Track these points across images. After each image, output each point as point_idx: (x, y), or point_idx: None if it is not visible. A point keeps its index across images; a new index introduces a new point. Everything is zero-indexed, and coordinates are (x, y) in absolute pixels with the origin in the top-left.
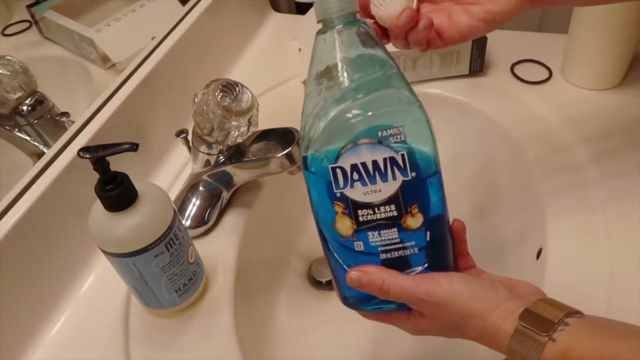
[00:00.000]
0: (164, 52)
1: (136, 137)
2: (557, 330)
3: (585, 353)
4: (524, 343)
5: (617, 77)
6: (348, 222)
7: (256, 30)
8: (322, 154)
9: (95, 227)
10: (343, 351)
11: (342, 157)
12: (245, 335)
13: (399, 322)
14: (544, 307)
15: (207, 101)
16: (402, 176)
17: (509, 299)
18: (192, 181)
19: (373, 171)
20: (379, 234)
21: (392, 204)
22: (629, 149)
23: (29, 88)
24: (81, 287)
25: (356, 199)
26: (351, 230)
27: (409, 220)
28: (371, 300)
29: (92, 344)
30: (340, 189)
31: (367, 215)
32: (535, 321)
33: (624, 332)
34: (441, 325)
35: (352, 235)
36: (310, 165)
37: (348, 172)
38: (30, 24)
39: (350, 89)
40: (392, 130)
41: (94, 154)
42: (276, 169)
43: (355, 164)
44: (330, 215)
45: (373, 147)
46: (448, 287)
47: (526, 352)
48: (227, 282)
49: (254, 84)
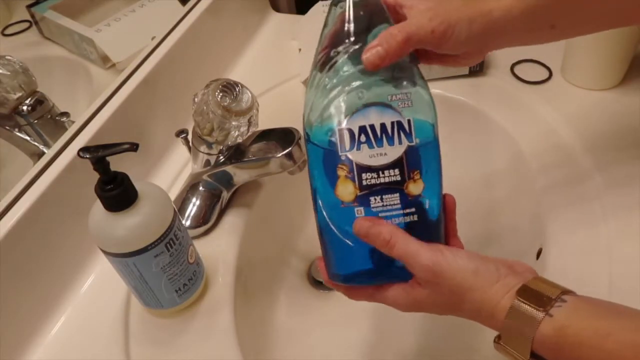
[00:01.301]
0: (164, 52)
1: (136, 137)
2: (554, 307)
3: (582, 330)
4: (521, 318)
5: (617, 77)
6: (350, 187)
7: (256, 30)
8: (325, 125)
9: (95, 227)
10: (343, 351)
11: (350, 120)
12: (245, 335)
13: (390, 296)
14: (541, 285)
15: (207, 101)
16: (407, 141)
17: (508, 274)
18: (192, 181)
19: (381, 134)
20: (381, 198)
21: (396, 168)
22: (629, 149)
23: (29, 88)
24: (81, 287)
25: (362, 161)
26: (353, 195)
27: (411, 186)
28: (362, 275)
29: (92, 344)
30: (345, 151)
31: (370, 179)
32: (532, 297)
33: (619, 311)
34: (439, 299)
35: (354, 200)
36: (313, 135)
37: (356, 133)
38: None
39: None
40: (401, 96)
41: (94, 154)
42: (276, 169)
43: (364, 125)
44: (331, 182)
45: (382, 109)
46: (452, 259)
47: (522, 327)
48: (227, 282)
49: (254, 84)
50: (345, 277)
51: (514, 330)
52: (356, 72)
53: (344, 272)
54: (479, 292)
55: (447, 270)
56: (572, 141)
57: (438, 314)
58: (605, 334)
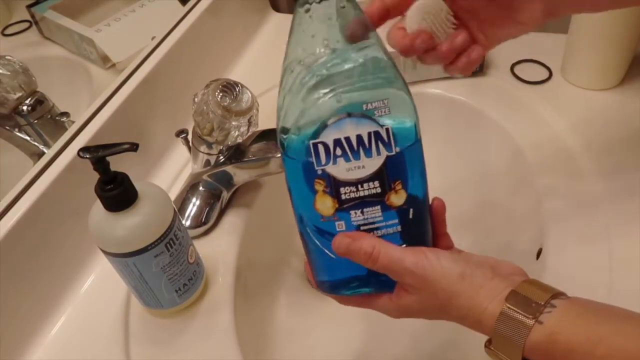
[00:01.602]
0: (164, 52)
1: (136, 137)
2: (544, 313)
3: (573, 335)
4: (511, 325)
5: (617, 77)
6: (329, 201)
7: (256, 30)
8: (301, 135)
9: (95, 227)
10: (343, 351)
11: (324, 132)
12: (245, 335)
13: (379, 304)
14: (530, 289)
15: (207, 101)
16: (386, 151)
17: (493, 278)
18: (192, 181)
19: (357, 146)
20: (361, 212)
21: (375, 180)
22: (629, 149)
23: (29, 88)
24: (81, 287)
25: (339, 176)
26: (332, 209)
27: (392, 197)
28: (349, 284)
29: (92, 344)
30: (322, 165)
31: (349, 193)
32: (521, 303)
33: (611, 314)
34: (424, 303)
35: (333, 214)
36: (288, 149)
37: (331, 147)
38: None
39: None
40: (377, 104)
41: (94, 154)
42: (276, 169)
43: (339, 138)
44: (309, 196)
45: (358, 120)
46: (436, 262)
47: (512, 334)
48: (227, 282)
49: (254, 84)
50: (330, 284)
51: (504, 337)
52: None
53: (329, 279)
54: (465, 297)
55: (432, 274)
56: (572, 141)
57: (427, 319)
58: (596, 339)
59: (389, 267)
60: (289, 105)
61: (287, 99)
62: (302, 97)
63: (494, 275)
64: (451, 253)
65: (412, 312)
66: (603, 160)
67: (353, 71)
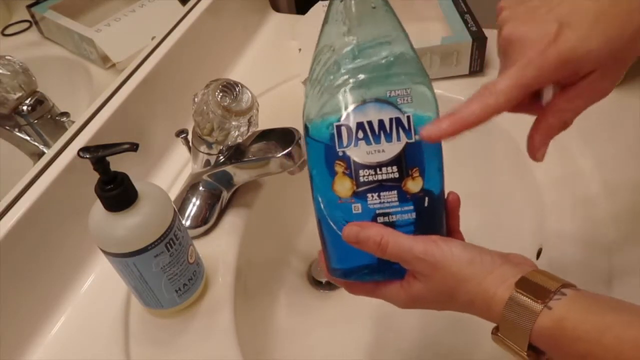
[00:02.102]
0: (164, 52)
1: (136, 137)
2: (553, 299)
3: (580, 323)
4: (518, 311)
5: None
6: (348, 183)
7: (256, 30)
8: (325, 120)
9: (95, 227)
10: (343, 351)
11: (348, 116)
12: (245, 335)
13: (388, 292)
14: (540, 277)
15: (207, 101)
16: (406, 138)
17: (503, 264)
18: (192, 181)
19: (379, 130)
20: (378, 196)
21: (394, 165)
22: (629, 148)
23: (29, 88)
24: (81, 287)
25: (359, 158)
26: (350, 191)
27: (409, 183)
28: (361, 271)
29: (92, 344)
30: (343, 147)
31: (368, 176)
32: (531, 289)
33: (619, 306)
34: (434, 290)
35: (350, 196)
36: (312, 130)
37: (353, 130)
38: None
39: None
40: (400, 92)
41: (94, 154)
42: (276, 169)
43: (362, 122)
44: (329, 177)
45: (380, 106)
46: (446, 249)
47: (520, 320)
48: (227, 282)
49: (254, 84)
50: (343, 272)
51: (511, 322)
52: (355, 67)
53: (342, 266)
54: (474, 282)
55: (441, 261)
56: (571, 141)
57: (435, 309)
58: (603, 328)
59: (399, 256)
60: (315, 92)
61: (314, 87)
62: (328, 84)
63: (503, 262)
64: (461, 241)
65: (420, 301)
66: (603, 159)
67: (379, 62)
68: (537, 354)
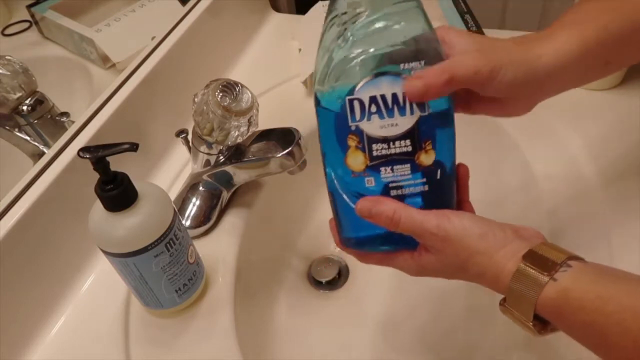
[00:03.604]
0: (164, 52)
1: (136, 137)
2: (559, 271)
3: (584, 293)
4: (525, 282)
5: (617, 77)
6: (361, 157)
7: (256, 30)
8: (337, 89)
9: (95, 227)
10: (343, 351)
11: (360, 89)
12: (245, 335)
13: (400, 262)
14: (548, 250)
15: (207, 101)
16: (419, 111)
17: (515, 239)
18: (192, 181)
19: (392, 104)
20: (391, 169)
21: (407, 139)
22: (629, 149)
23: (29, 88)
24: (81, 287)
25: (372, 132)
26: (363, 165)
27: (422, 156)
28: (374, 241)
29: (92, 344)
30: (356, 121)
31: (381, 150)
32: (538, 261)
33: (624, 276)
34: (445, 262)
35: (363, 170)
36: (323, 100)
37: (366, 104)
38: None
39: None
40: (414, 64)
41: (94, 154)
42: (276, 169)
43: (374, 96)
44: (341, 150)
45: (394, 79)
46: (458, 223)
47: (526, 290)
48: (227, 282)
49: (254, 84)
50: (356, 241)
51: (518, 292)
52: (367, 39)
53: (356, 235)
54: (485, 256)
55: (454, 235)
56: (571, 141)
57: (446, 278)
58: (607, 297)
59: (411, 230)
60: (326, 61)
61: (325, 56)
62: (340, 54)
63: (515, 237)
64: (473, 215)
65: (431, 271)
66: (603, 159)
67: (393, 34)
68: (542, 323)
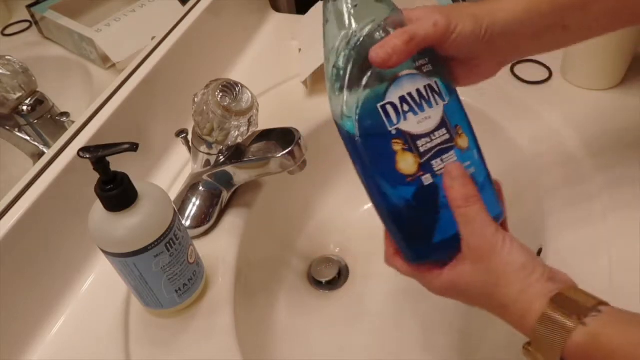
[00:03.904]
0: (164, 52)
1: (136, 137)
2: (590, 316)
3: (616, 338)
4: (551, 327)
5: (617, 77)
6: (410, 158)
7: (256, 30)
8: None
9: (95, 227)
10: (343, 351)
11: (388, 94)
12: (245, 335)
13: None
14: (578, 293)
15: (207, 101)
16: (442, 100)
17: (549, 280)
18: (192, 181)
19: (419, 99)
20: (441, 160)
21: (442, 128)
22: (629, 149)
23: (29, 88)
24: (81, 287)
25: (413, 130)
26: (416, 165)
27: (459, 141)
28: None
29: (92, 344)
30: (394, 125)
31: (426, 145)
32: (567, 304)
33: None
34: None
35: (418, 170)
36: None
37: (398, 105)
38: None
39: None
40: (422, 61)
41: (94, 154)
42: (276, 169)
43: (403, 95)
44: (390, 161)
45: (413, 77)
46: (508, 243)
47: (551, 335)
48: (227, 282)
49: (254, 84)
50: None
51: (543, 337)
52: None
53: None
54: (516, 288)
55: (499, 250)
56: (572, 141)
57: (465, 300)
58: (637, 343)
59: (476, 219)
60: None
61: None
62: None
63: (549, 278)
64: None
65: (458, 286)
66: (603, 160)
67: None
68: None
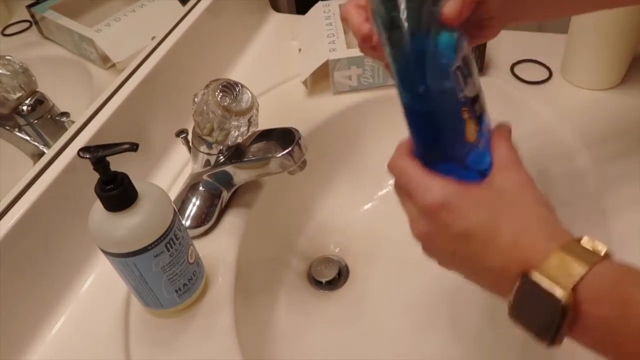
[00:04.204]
0: (164, 52)
1: (136, 137)
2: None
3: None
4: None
5: (617, 77)
6: (472, 125)
7: (256, 30)
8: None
9: (95, 227)
10: (343, 351)
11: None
12: (245, 335)
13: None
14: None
15: (207, 101)
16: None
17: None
18: (192, 181)
19: (469, 63)
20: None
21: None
22: (628, 148)
23: (29, 88)
24: (81, 287)
25: (472, 94)
26: (475, 132)
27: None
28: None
29: (92, 344)
30: (462, 92)
31: (479, 110)
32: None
33: None
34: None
35: (477, 137)
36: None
37: (463, 68)
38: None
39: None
40: None
41: (94, 154)
42: (276, 169)
43: (466, 56)
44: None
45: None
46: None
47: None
48: (227, 282)
49: (254, 84)
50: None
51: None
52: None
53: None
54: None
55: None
56: (572, 141)
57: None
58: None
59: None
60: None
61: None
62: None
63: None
64: None
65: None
66: (603, 159)
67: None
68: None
